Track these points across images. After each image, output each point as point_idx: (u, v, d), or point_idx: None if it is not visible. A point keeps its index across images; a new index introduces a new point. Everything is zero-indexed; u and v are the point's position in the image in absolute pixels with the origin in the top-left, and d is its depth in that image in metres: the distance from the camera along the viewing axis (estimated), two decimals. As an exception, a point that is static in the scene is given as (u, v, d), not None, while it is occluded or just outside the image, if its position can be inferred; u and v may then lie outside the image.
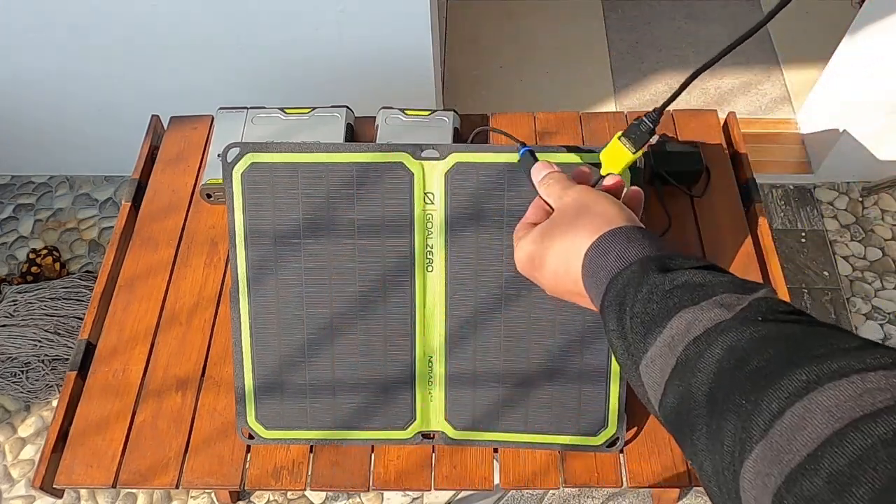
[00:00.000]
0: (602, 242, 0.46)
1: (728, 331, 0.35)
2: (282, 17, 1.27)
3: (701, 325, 0.37)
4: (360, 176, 0.67)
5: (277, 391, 0.71)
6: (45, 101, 1.47)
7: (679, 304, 0.38)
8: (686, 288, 0.39)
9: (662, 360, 0.38)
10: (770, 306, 0.36)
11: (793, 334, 0.33)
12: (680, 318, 0.38)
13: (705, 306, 0.37)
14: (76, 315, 1.43)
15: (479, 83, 1.82)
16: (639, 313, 0.40)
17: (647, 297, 0.40)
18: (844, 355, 0.30)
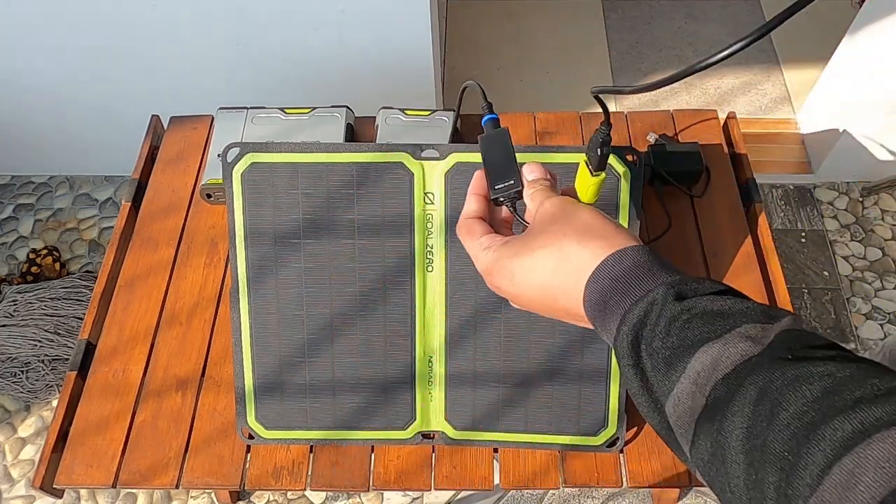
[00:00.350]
0: (607, 268, 0.41)
1: (758, 370, 0.33)
2: (282, 17, 1.27)
3: (728, 361, 0.35)
4: (360, 176, 0.67)
5: (277, 391, 0.71)
6: (46, 102, 1.47)
7: (701, 337, 0.36)
8: (706, 318, 0.37)
9: (691, 399, 0.36)
10: (798, 340, 0.34)
11: (828, 374, 0.31)
12: (704, 353, 0.35)
13: (729, 339, 0.35)
14: (76, 315, 1.43)
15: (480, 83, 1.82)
16: (658, 349, 0.38)
17: (665, 331, 0.37)
18: (887, 399, 0.28)
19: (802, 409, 0.30)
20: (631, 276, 0.40)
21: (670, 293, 0.38)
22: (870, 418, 0.28)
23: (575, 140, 0.92)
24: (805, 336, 0.35)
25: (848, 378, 0.30)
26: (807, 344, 0.34)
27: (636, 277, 0.40)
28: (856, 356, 0.33)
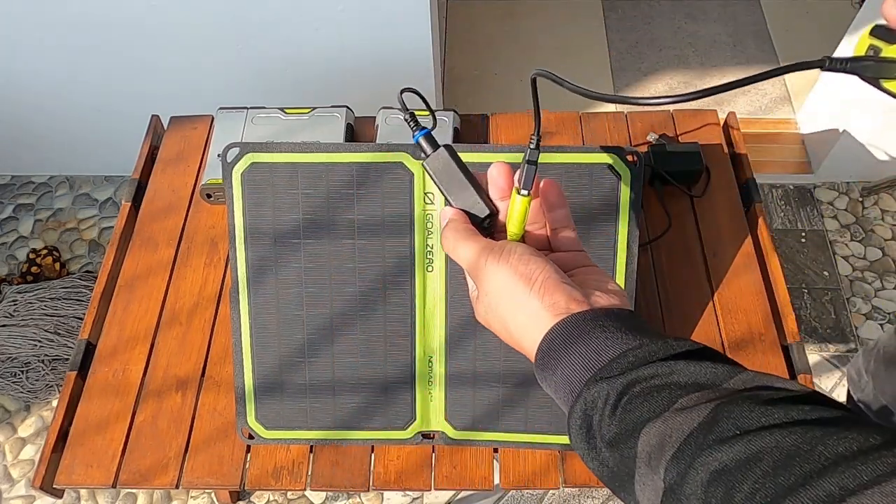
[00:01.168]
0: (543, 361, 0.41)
1: (706, 449, 0.32)
2: (282, 17, 1.27)
3: (672, 439, 0.34)
4: (360, 176, 0.67)
5: (277, 391, 0.71)
6: (46, 102, 1.47)
7: (642, 417, 0.36)
8: (645, 396, 0.36)
9: (651, 483, 0.35)
10: (744, 409, 0.33)
11: (775, 446, 0.31)
12: (647, 434, 0.35)
13: (668, 417, 0.35)
14: (76, 315, 1.43)
15: (479, 83, 1.82)
16: (608, 440, 0.37)
17: (609, 420, 0.37)
18: (834, 471, 0.28)
19: (754, 488, 0.30)
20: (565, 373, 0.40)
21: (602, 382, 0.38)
22: (819, 495, 0.27)
23: (575, 140, 0.92)
24: (752, 401, 0.34)
25: (795, 449, 0.30)
26: (756, 410, 0.33)
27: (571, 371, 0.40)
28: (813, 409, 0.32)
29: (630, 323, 0.40)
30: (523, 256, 0.43)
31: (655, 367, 0.37)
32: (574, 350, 0.39)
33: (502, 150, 0.67)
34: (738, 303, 0.80)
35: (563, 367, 0.40)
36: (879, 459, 0.27)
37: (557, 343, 0.40)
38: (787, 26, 1.90)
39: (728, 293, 0.80)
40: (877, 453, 0.28)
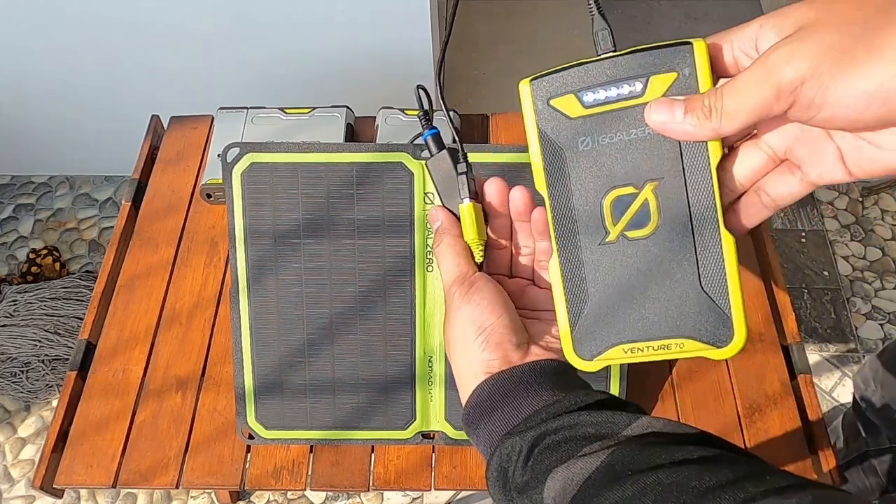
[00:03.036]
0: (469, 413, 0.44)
1: (602, 489, 0.36)
2: (282, 16, 1.27)
3: (573, 483, 0.37)
4: (360, 176, 0.67)
5: (277, 391, 0.71)
6: (46, 102, 1.47)
7: (549, 466, 0.39)
8: (552, 449, 0.39)
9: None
10: (636, 452, 0.36)
11: (658, 483, 0.34)
12: (552, 479, 0.38)
13: (571, 463, 0.38)
14: (76, 315, 1.43)
15: (479, 83, 1.82)
16: (517, 487, 0.41)
17: (522, 470, 0.40)
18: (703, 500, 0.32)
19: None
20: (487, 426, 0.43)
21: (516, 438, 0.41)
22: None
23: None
24: (645, 445, 0.37)
25: (674, 485, 0.33)
26: (647, 452, 0.36)
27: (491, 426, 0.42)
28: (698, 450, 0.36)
29: (553, 379, 0.43)
30: (482, 301, 0.45)
31: (563, 419, 0.40)
32: (496, 408, 0.43)
33: (502, 150, 0.67)
34: (738, 303, 0.80)
35: (485, 424, 0.43)
36: (740, 489, 0.31)
37: (483, 399, 0.43)
38: (787, 26, 1.90)
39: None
40: (739, 484, 0.31)
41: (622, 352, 0.40)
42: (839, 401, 1.38)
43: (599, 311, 0.40)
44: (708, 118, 0.35)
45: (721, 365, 0.76)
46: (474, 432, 0.44)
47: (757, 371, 0.75)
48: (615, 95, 0.38)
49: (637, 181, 0.38)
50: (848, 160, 0.35)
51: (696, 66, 0.37)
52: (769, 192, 0.38)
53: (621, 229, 0.39)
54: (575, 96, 0.39)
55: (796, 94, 0.32)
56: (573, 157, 0.39)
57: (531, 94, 0.40)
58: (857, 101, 0.30)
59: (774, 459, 0.71)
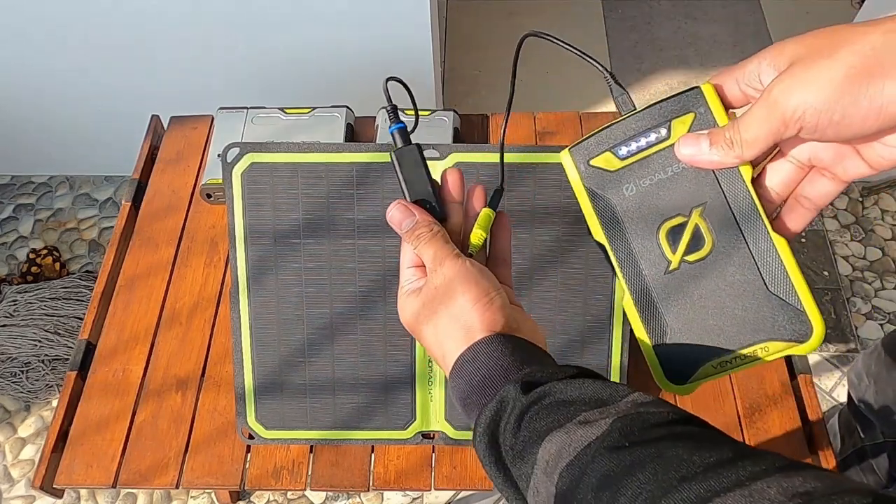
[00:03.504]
0: (463, 367, 0.43)
1: (598, 457, 0.35)
2: (282, 16, 1.27)
3: (571, 448, 0.37)
4: (360, 176, 0.67)
5: (277, 391, 0.71)
6: (46, 102, 1.47)
7: (546, 427, 0.38)
8: (550, 409, 0.39)
9: (545, 488, 0.37)
10: (635, 422, 0.36)
11: (658, 455, 0.34)
12: (549, 442, 0.38)
13: (570, 428, 0.37)
14: (76, 315, 1.43)
15: (479, 83, 1.82)
16: (512, 444, 0.40)
17: (515, 427, 0.39)
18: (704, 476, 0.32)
19: (637, 492, 0.33)
20: (483, 376, 0.42)
21: (518, 389, 0.40)
22: (691, 496, 0.31)
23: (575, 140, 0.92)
24: (642, 417, 0.37)
25: (674, 458, 0.33)
26: (644, 425, 0.36)
27: (488, 377, 0.42)
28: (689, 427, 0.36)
29: (549, 355, 0.44)
30: (489, 273, 0.45)
31: (566, 382, 0.40)
32: (499, 362, 0.42)
33: (502, 150, 0.67)
34: (738, 303, 0.80)
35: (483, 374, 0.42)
36: (742, 468, 0.31)
37: (483, 350, 0.42)
38: (787, 26, 1.90)
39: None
40: (740, 462, 0.32)
41: (712, 368, 0.43)
42: (839, 401, 1.38)
43: (681, 336, 0.43)
44: (731, 148, 0.40)
45: (721, 365, 0.76)
46: (468, 384, 0.43)
47: (757, 371, 0.75)
48: (645, 144, 0.43)
49: (684, 210, 0.42)
50: (866, 157, 0.40)
51: (709, 104, 0.42)
52: (807, 195, 0.42)
53: (681, 256, 0.43)
54: (611, 153, 0.44)
55: (801, 121, 0.37)
56: (621, 203, 0.43)
57: (572, 159, 0.45)
58: (854, 120, 0.36)
59: (774, 459, 0.71)
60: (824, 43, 0.37)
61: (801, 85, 0.37)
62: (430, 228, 0.47)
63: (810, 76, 0.36)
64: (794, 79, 0.37)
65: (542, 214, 0.67)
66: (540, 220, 0.67)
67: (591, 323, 0.68)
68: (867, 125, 0.36)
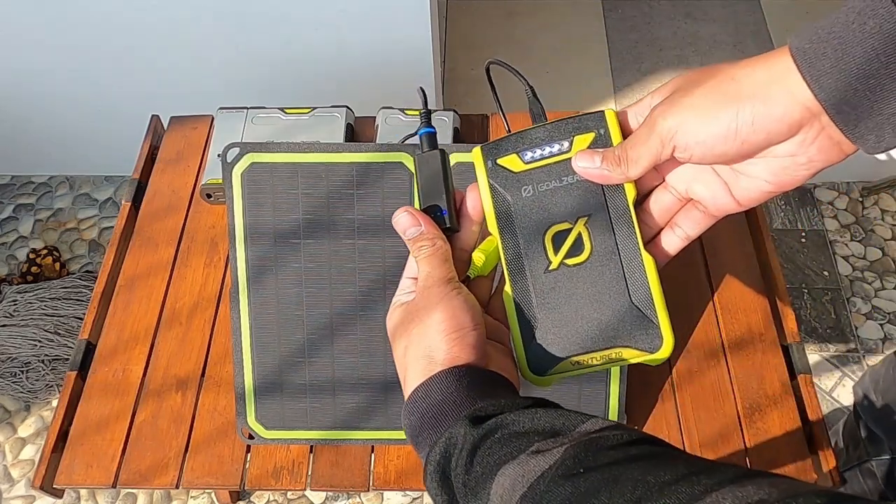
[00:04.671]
0: (417, 401, 0.43)
1: (553, 486, 0.35)
2: (282, 17, 1.27)
3: (524, 480, 0.36)
4: (360, 176, 0.67)
5: (277, 391, 0.71)
6: (46, 102, 1.47)
7: (499, 460, 0.38)
8: (503, 442, 0.39)
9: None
10: (588, 449, 0.36)
11: (613, 479, 0.34)
12: (502, 475, 0.37)
13: (523, 459, 0.37)
14: (76, 315, 1.43)
15: (479, 83, 1.82)
16: (464, 482, 0.39)
17: (467, 462, 0.39)
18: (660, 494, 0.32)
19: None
20: (436, 412, 0.42)
21: (468, 424, 0.40)
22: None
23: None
24: (596, 442, 0.37)
25: (629, 480, 0.34)
26: (598, 448, 0.36)
27: (440, 413, 0.42)
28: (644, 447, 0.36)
29: (512, 388, 0.44)
30: (466, 305, 0.45)
31: (518, 413, 0.40)
32: (452, 398, 0.42)
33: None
34: (738, 303, 0.80)
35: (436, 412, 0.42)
36: (696, 483, 0.32)
37: (443, 388, 0.43)
38: (787, 26, 1.90)
39: (728, 293, 0.80)
40: (694, 478, 0.32)
41: (570, 364, 0.46)
42: (839, 401, 1.38)
43: (548, 331, 0.46)
44: (618, 165, 0.45)
45: (721, 365, 0.76)
46: (420, 419, 0.43)
47: (757, 371, 0.75)
48: (548, 153, 0.47)
49: (571, 218, 0.46)
50: (734, 191, 0.45)
51: (609, 127, 0.47)
52: (680, 224, 0.47)
53: (561, 258, 0.46)
54: (517, 155, 0.48)
55: (674, 140, 0.42)
56: (517, 202, 0.47)
57: (482, 156, 0.48)
58: (717, 140, 0.41)
59: (774, 459, 0.71)
60: (702, 76, 0.42)
61: (675, 108, 0.42)
62: (432, 243, 0.47)
63: (684, 101, 0.41)
64: (671, 104, 0.42)
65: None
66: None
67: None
68: (728, 146, 0.41)
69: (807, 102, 0.38)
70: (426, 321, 0.45)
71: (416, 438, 0.43)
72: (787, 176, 0.43)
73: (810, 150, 0.40)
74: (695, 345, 0.77)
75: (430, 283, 0.46)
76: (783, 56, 0.39)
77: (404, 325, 0.46)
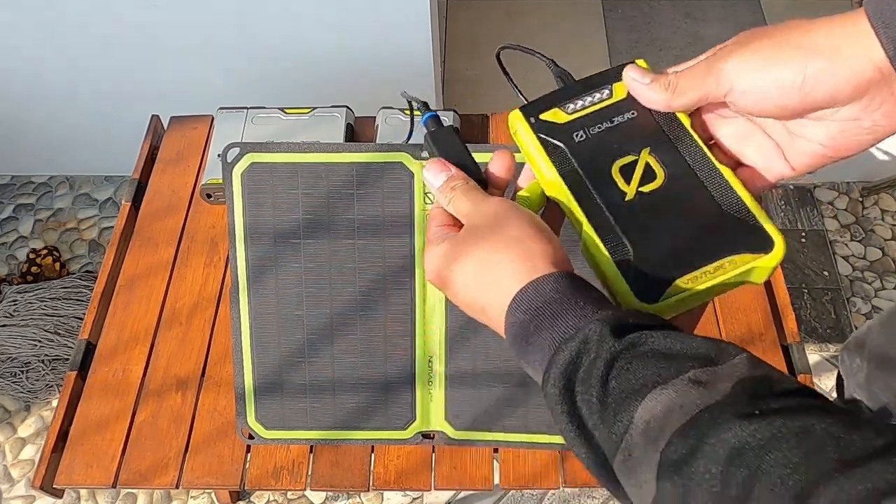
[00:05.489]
0: (527, 298, 0.38)
1: (723, 426, 0.30)
2: (281, 17, 1.27)
3: (683, 411, 0.31)
4: (360, 176, 0.67)
5: (277, 391, 0.71)
6: (46, 102, 1.47)
7: (646, 381, 0.33)
8: (649, 360, 0.33)
9: (642, 453, 0.32)
10: (760, 387, 0.32)
11: (806, 430, 0.29)
12: (653, 400, 0.32)
13: (679, 386, 0.32)
14: (76, 315, 1.43)
15: (479, 83, 1.82)
16: (597, 397, 0.34)
17: (603, 375, 0.34)
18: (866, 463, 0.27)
19: (784, 472, 0.28)
20: (555, 310, 0.37)
21: (605, 330, 0.35)
22: (864, 487, 0.26)
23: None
24: (765, 383, 0.32)
25: (827, 435, 0.29)
26: (771, 392, 0.32)
27: (560, 311, 0.37)
28: (826, 402, 0.32)
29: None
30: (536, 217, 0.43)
31: (662, 332, 0.35)
32: (576, 296, 0.37)
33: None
34: (738, 303, 0.80)
35: (556, 301, 0.37)
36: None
37: (551, 285, 0.38)
38: (787, 26, 1.89)
39: (728, 293, 0.80)
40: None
41: (681, 286, 0.41)
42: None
43: (645, 259, 0.42)
44: (665, 90, 0.45)
45: (721, 365, 0.76)
46: (533, 317, 0.37)
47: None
48: (589, 101, 0.48)
49: (634, 150, 0.45)
50: (788, 154, 0.43)
51: None
52: None
53: (636, 187, 0.44)
54: (559, 109, 0.48)
55: (732, 82, 0.41)
56: (573, 146, 0.46)
57: (523, 115, 0.48)
58: (778, 90, 0.39)
59: (774, 459, 0.71)
60: (774, 29, 0.41)
61: (741, 51, 0.41)
62: (465, 181, 0.45)
63: (752, 45, 0.40)
64: (737, 45, 0.41)
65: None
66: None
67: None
68: (788, 99, 0.39)
69: (879, 63, 0.37)
70: (501, 227, 0.40)
71: (524, 340, 0.37)
72: (848, 140, 0.41)
73: (875, 114, 0.39)
74: (695, 345, 0.77)
75: (481, 203, 0.43)
76: (859, 17, 0.38)
77: (468, 244, 0.41)
